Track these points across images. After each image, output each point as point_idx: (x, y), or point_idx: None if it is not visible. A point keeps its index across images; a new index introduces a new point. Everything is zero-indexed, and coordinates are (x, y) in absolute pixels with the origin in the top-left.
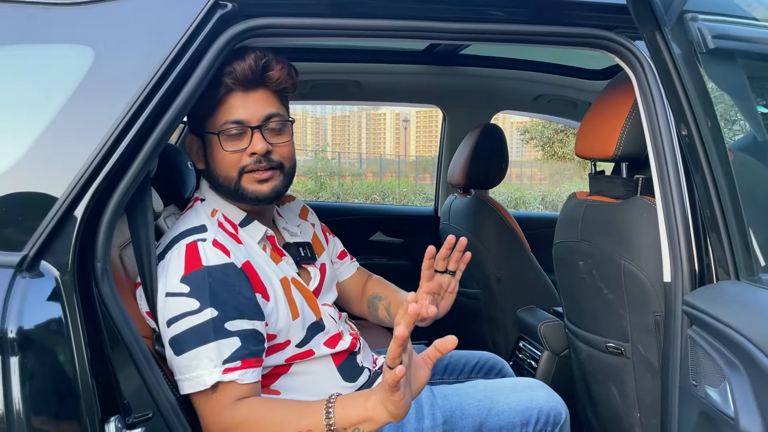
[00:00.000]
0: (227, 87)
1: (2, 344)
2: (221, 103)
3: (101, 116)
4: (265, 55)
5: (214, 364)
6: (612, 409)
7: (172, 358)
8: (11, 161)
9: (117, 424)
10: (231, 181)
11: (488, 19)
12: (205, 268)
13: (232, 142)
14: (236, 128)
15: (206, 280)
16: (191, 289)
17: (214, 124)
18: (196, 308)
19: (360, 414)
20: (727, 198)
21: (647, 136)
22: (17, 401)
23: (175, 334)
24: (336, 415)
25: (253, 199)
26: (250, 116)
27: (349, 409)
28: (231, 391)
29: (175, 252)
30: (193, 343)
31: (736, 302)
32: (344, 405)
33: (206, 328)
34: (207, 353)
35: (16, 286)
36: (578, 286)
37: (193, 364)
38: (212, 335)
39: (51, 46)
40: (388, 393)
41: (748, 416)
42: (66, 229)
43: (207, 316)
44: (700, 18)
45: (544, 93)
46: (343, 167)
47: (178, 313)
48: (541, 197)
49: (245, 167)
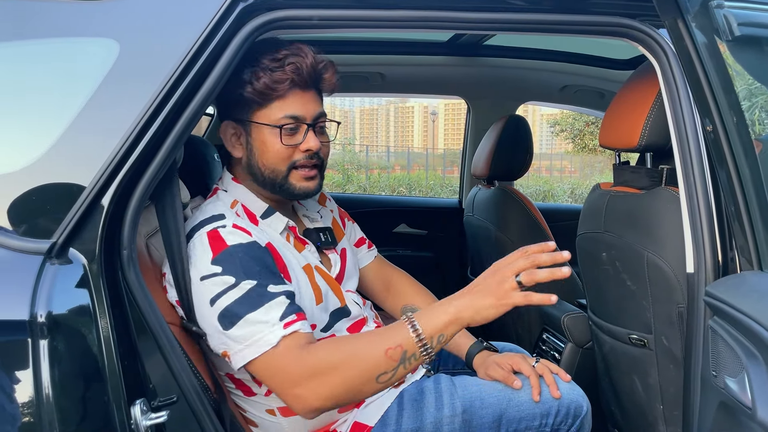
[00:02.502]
0: (292, 83)
1: (32, 328)
2: (280, 98)
3: (127, 108)
4: (322, 56)
5: (272, 324)
6: (635, 402)
7: (222, 335)
8: (40, 152)
9: (142, 406)
10: (278, 175)
11: (511, 9)
12: (231, 247)
13: (287, 136)
14: (293, 123)
15: (236, 257)
16: (224, 269)
17: (268, 115)
18: (233, 282)
19: (445, 316)
20: (752, 191)
21: (671, 126)
22: (46, 383)
23: (222, 309)
24: (422, 326)
25: (300, 195)
26: (306, 113)
27: (433, 319)
28: (297, 340)
29: (197, 240)
30: (243, 311)
31: (757, 292)
32: (426, 317)
33: (251, 296)
34: (260, 317)
35: (46, 272)
36: (601, 278)
37: (250, 331)
38: (259, 301)
39: (78, 40)
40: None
41: (765, 407)
42: (93, 218)
43: (247, 287)
44: (727, 5)
45: (570, 83)
46: (370, 160)
47: (218, 291)
48: (570, 190)
49: (296, 162)
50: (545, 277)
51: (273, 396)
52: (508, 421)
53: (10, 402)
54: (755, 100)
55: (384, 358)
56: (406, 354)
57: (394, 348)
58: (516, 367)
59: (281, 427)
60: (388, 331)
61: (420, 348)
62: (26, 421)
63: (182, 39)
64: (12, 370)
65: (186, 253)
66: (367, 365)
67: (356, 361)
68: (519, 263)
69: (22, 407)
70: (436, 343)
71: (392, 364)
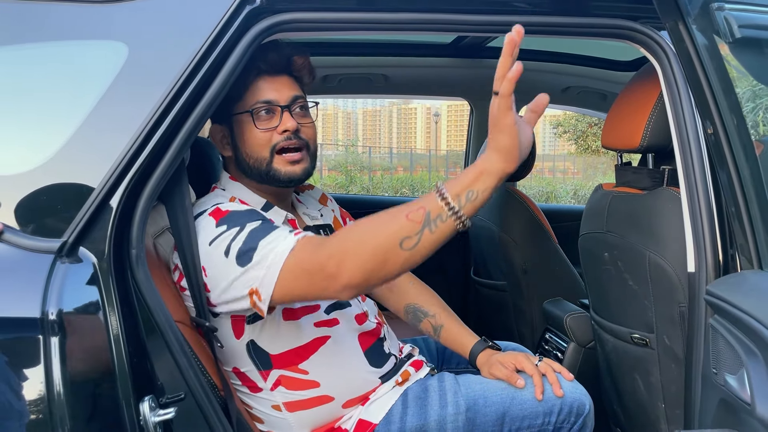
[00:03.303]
0: (258, 70)
1: (43, 325)
2: (250, 87)
3: (135, 109)
4: (289, 44)
5: (282, 238)
6: (637, 401)
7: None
8: (50, 153)
9: (151, 403)
10: (263, 162)
11: (514, 11)
12: (231, 212)
13: (263, 120)
14: (267, 107)
15: (236, 214)
16: (228, 225)
17: (243, 106)
18: (239, 229)
19: (470, 173)
20: (752, 192)
21: (672, 127)
22: (57, 379)
23: (237, 251)
24: (447, 187)
25: (286, 180)
26: (279, 97)
27: (460, 178)
28: (311, 239)
29: (201, 221)
30: (255, 242)
31: (756, 290)
32: (453, 180)
33: (257, 230)
34: (270, 240)
35: (56, 270)
36: (604, 278)
37: (266, 252)
38: (265, 230)
39: (87, 42)
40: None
41: (764, 402)
42: (103, 218)
43: (252, 226)
44: (727, 7)
45: (572, 85)
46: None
47: (228, 242)
48: (573, 191)
49: (276, 145)
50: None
51: (278, 391)
52: (511, 419)
53: (22, 397)
54: (759, 101)
55: (405, 221)
56: (430, 215)
57: (415, 210)
58: (519, 365)
59: (287, 423)
60: (414, 201)
61: (446, 207)
62: (38, 417)
63: (190, 42)
64: (24, 367)
65: (197, 251)
66: (388, 231)
67: (378, 229)
68: None
69: (33, 403)
70: (465, 201)
71: (415, 227)
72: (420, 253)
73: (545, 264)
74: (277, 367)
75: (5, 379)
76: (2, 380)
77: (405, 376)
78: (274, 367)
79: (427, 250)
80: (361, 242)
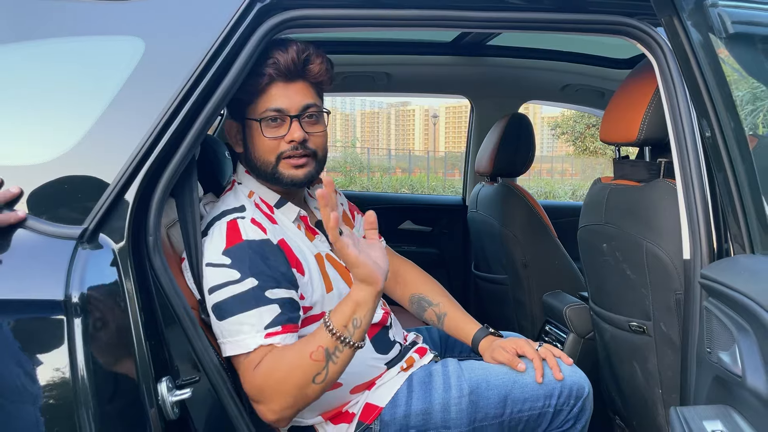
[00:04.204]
0: (270, 77)
1: (67, 307)
2: (263, 92)
3: (152, 102)
4: (307, 48)
5: (256, 329)
6: (635, 387)
7: (215, 323)
8: (71, 144)
9: (168, 384)
10: (269, 166)
11: (514, 8)
12: (245, 242)
13: (271, 129)
14: (276, 116)
15: (246, 253)
16: (232, 261)
17: (255, 110)
18: (238, 278)
19: (348, 305)
20: (746, 184)
21: (668, 121)
22: (80, 358)
23: (218, 301)
24: (333, 321)
25: (289, 183)
26: (290, 105)
27: (339, 310)
28: (265, 357)
29: (217, 228)
30: (237, 309)
31: (747, 271)
32: (335, 311)
33: (248, 296)
34: (249, 319)
35: (78, 256)
36: (602, 268)
37: (236, 329)
38: (254, 303)
39: (106, 38)
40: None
41: (754, 373)
42: (121, 206)
43: (248, 285)
44: (721, 4)
45: (571, 82)
46: (372, 163)
47: (220, 281)
48: (571, 191)
49: (282, 153)
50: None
51: None
52: (513, 402)
53: (48, 375)
54: (760, 104)
55: (310, 362)
56: (329, 351)
57: (315, 350)
58: (520, 350)
59: None
60: (312, 337)
61: (338, 341)
62: (62, 394)
63: (203, 37)
64: (49, 346)
65: (201, 243)
66: (301, 372)
67: (292, 371)
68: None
69: (58, 381)
70: (353, 329)
71: (320, 364)
72: (332, 379)
73: (545, 258)
74: None
75: (32, 357)
76: (29, 358)
77: (410, 362)
78: None
79: (337, 374)
80: (281, 384)
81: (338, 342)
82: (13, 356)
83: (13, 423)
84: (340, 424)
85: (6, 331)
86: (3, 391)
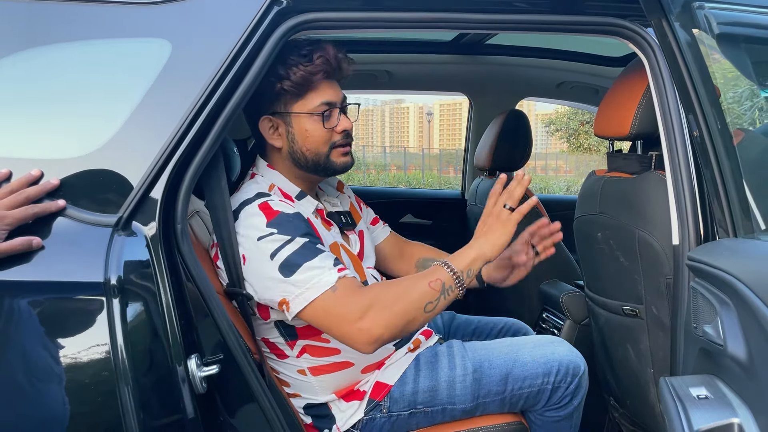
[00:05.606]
0: (325, 74)
1: (106, 289)
2: (313, 88)
3: (179, 100)
4: (339, 49)
5: (328, 268)
6: (628, 368)
7: (282, 283)
8: (105, 139)
9: (197, 360)
10: (321, 156)
11: (512, 10)
12: (282, 213)
13: (326, 121)
14: (328, 109)
15: (287, 219)
16: (279, 229)
17: (305, 105)
18: (289, 238)
19: (470, 255)
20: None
21: (658, 116)
22: (119, 335)
23: (282, 260)
24: (454, 264)
25: (341, 169)
26: (337, 98)
27: (462, 259)
28: (350, 282)
29: (250, 210)
30: (302, 260)
31: (730, 251)
32: (456, 259)
33: (306, 248)
34: (316, 264)
35: (115, 242)
36: (597, 256)
37: (308, 276)
38: (313, 252)
39: (135, 40)
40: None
41: (734, 341)
42: (152, 196)
43: (301, 242)
44: (707, 6)
45: (566, 80)
46: (367, 161)
47: (277, 246)
48: (566, 187)
49: (335, 143)
50: (520, 193)
51: (303, 357)
52: (513, 380)
53: (91, 350)
54: (756, 100)
55: (428, 289)
56: (445, 285)
57: (435, 281)
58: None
59: (311, 386)
60: (428, 272)
61: (455, 279)
62: (105, 367)
63: (225, 40)
64: (92, 323)
65: (233, 226)
66: (416, 296)
67: (407, 293)
68: (502, 198)
69: (100, 354)
70: (466, 276)
71: (435, 294)
72: (434, 314)
73: None
74: (302, 338)
75: (75, 334)
76: (73, 335)
77: (416, 344)
78: (300, 338)
79: (439, 311)
80: (393, 303)
81: (454, 281)
82: (59, 333)
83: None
84: (352, 401)
85: (52, 311)
86: (50, 364)
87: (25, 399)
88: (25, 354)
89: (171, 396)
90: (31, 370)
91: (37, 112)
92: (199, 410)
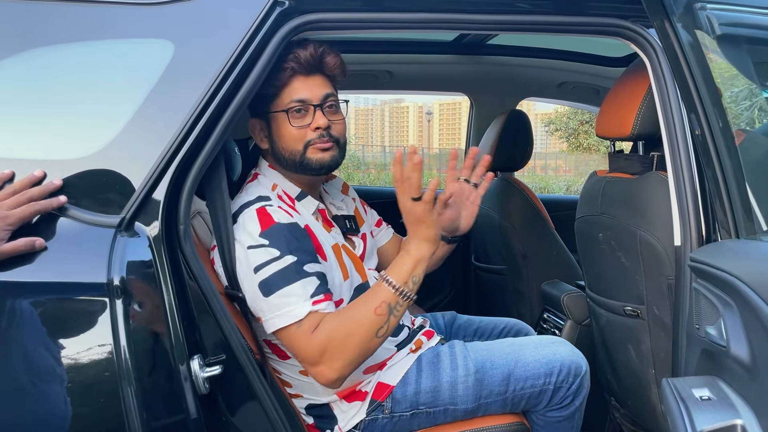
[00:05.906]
0: (292, 70)
1: (109, 289)
2: (286, 86)
3: (181, 101)
4: (322, 44)
5: (303, 299)
6: (630, 369)
7: (260, 300)
8: (108, 140)
9: (199, 361)
10: (297, 154)
11: (514, 11)
12: (278, 224)
13: (297, 118)
14: (300, 106)
15: (281, 232)
16: (270, 242)
17: (279, 104)
18: (278, 255)
19: (409, 263)
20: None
21: (660, 117)
22: (122, 336)
23: (264, 278)
24: (394, 279)
25: (317, 168)
26: (312, 96)
27: (398, 269)
28: (317, 319)
29: (248, 214)
30: (282, 283)
31: (732, 252)
32: (394, 270)
33: (290, 271)
34: (295, 290)
35: (118, 242)
36: (598, 257)
37: (282, 302)
38: (296, 276)
39: (138, 41)
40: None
41: (737, 343)
42: (155, 197)
43: (288, 260)
44: (709, 7)
45: (567, 80)
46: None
47: (263, 260)
48: (566, 187)
49: (310, 141)
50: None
51: None
52: (515, 380)
53: (94, 350)
54: (755, 99)
55: (374, 317)
56: (391, 305)
57: (379, 306)
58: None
59: (313, 386)
60: (371, 294)
61: (399, 295)
62: (108, 367)
63: (228, 40)
64: (95, 324)
65: (231, 228)
66: (366, 326)
67: (358, 327)
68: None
69: (104, 355)
70: (412, 285)
71: (383, 318)
72: (388, 333)
73: (543, 248)
74: None
75: (78, 334)
76: (76, 335)
77: (418, 344)
78: None
79: (393, 329)
80: (346, 340)
81: (399, 297)
82: (62, 333)
83: (61, 395)
84: (354, 402)
85: (55, 311)
86: (53, 365)
87: (28, 400)
88: (28, 355)
89: (174, 396)
90: (34, 370)
91: (41, 113)
92: (201, 411)
